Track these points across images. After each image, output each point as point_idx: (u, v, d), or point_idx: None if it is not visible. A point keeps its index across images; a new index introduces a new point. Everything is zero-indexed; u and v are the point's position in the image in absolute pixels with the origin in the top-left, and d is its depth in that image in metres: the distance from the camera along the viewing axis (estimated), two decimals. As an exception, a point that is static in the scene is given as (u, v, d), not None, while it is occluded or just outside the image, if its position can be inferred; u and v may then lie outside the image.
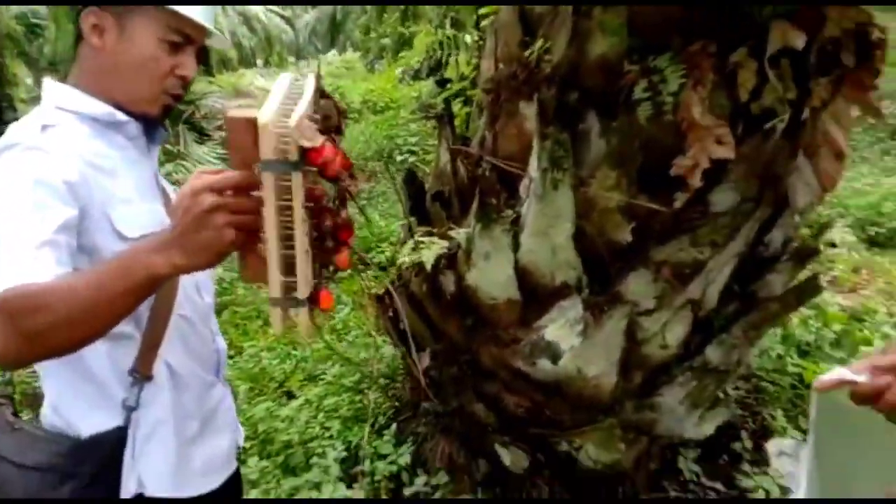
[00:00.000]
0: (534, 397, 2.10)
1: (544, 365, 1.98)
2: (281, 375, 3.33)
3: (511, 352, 2.05)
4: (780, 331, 3.11)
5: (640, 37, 1.81)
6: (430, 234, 2.19)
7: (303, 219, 0.88)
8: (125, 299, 0.92)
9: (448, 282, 2.11)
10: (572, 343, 1.93)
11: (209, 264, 0.91)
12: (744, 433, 2.56)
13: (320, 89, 0.94)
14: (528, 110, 1.99)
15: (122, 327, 1.18)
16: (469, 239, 2.03)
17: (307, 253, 0.91)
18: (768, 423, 2.65)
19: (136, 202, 1.20)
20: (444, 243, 2.12)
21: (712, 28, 1.75)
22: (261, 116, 0.84)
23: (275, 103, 0.87)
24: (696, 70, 1.74)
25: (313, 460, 2.52)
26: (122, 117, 1.22)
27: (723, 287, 1.97)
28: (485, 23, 2.57)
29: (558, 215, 1.87)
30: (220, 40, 1.36)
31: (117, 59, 1.20)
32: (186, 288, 1.28)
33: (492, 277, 2.01)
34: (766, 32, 1.71)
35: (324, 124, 0.92)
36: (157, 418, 1.24)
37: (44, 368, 1.22)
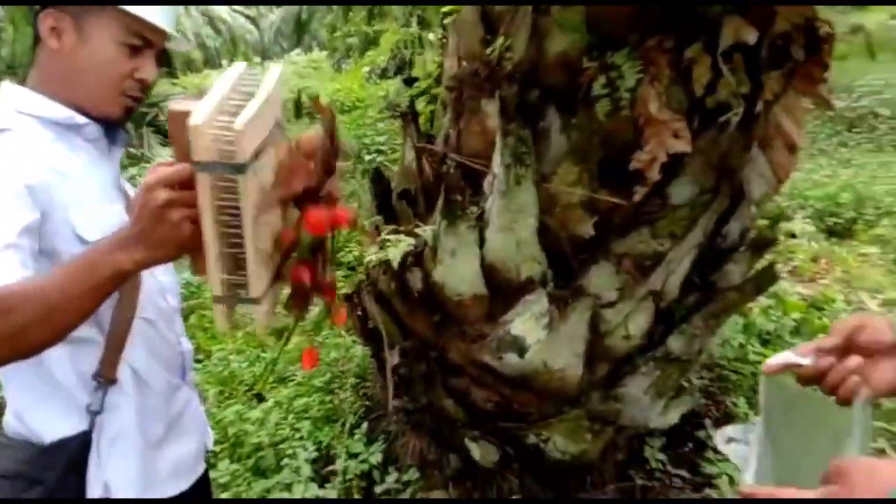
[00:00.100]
0: (502, 391, 2.12)
1: (511, 359, 2.01)
2: (251, 378, 3.30)
3: (478, 347, 2.07)
4: (742, 320, 3.17)
5: (597, 34, 1.84)
6: (397, 232, 2.19)
7: (254, 219, 0.85)
8: (91, 297, 0.93)
9: (415, 279, 2.12)
10: (538, 336, 1.96)
11: (171, 257, 0.93)
12: (707, 421, 2.62)
13: (330, 131, 0.91)
14: (491, 107, 2.01)
15: (84, 331, 1.18)
16: (435, 236, 2.04)
17: (261, 253, 0.88)
18: (731, 411, 2.71)
19: (97, 205, 1.19)
20: (410, 241, 2.13)
21: (667, 24, 1.79)
22: (194, 115, 0.79)
23: (215, 99, 0.83)
24: (652, 66, 1.78)
25: (284, 462, 2.52)
26: (81, 120, 1.22)
27: (683, 278, 2.00)
28: (447, 21, 2.58)
29: (522, 211, 1.89)
30: (181, 43, 1.35)
31: (76, 62, 1.19)
32: (150, 291, 1.28)
33: (458, 274, 2.03)
34: (719, 28, 1.75)
35: (324, 165, 0.91)
36: (122, 422, 1.24)
37: (5, 375, 1.21)
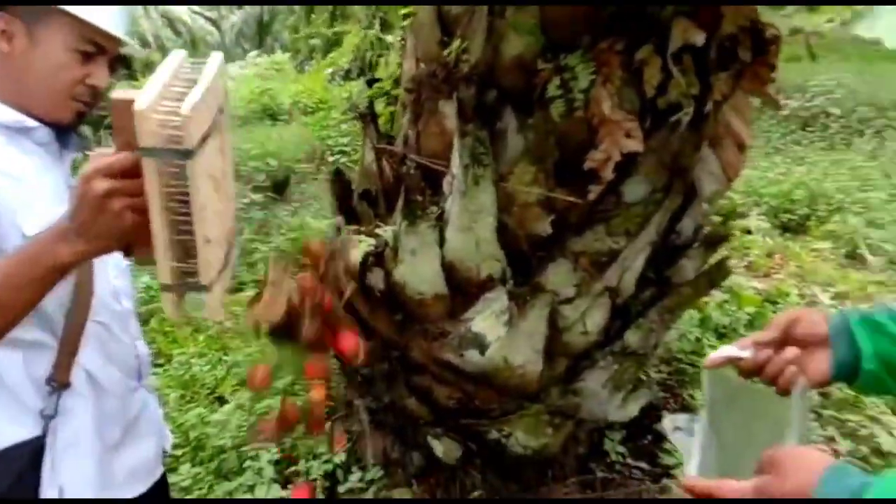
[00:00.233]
0: (464, 388, 2.15)
1: (472, 356, 2.03)
2: (212, 381, 3.27)
3: (440, 345, 2.09)
4: (698, 314, 3.25)
5: (551, 36, 1.87)
6: (359, 232, 2.21)
7: (202, 205, 0.84)
8: (33, 290, 0.93)
9: (376, 279, 2.13)
10: (498, 333, 1.99)
11: (113, 248, 0.92)
12: (666, 413, 2.67)
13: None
14: (448, 109, 2.04)
15: (36, 335, 1.17)
16: (396, 236, 2.05)
17: (210, 240, 0.87)
18: (688, 403, 2.78)
19: (46, 208, 1.18)
20: (371, 241, 2.14)
21: (618, 26, 1.83)
22: (138, 101, 0.78)
23: (158, 86, 0.82)
24: (605, 67, 1.82)
25: (247, 464, 2.50)
26: (32, 124, 1.20)
27: (638, 274, 2.05)
28: (405, 23, 2.59)
29: (481, 210, 1.92)
30: (134, 48, 1.35)
31: (27, 67, 1.18)
32: (103, 294, 1.27)
33: (419, 273, 2.04)
34: (669, 30, 1.80)
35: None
36: (77, 426, 1.23)
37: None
